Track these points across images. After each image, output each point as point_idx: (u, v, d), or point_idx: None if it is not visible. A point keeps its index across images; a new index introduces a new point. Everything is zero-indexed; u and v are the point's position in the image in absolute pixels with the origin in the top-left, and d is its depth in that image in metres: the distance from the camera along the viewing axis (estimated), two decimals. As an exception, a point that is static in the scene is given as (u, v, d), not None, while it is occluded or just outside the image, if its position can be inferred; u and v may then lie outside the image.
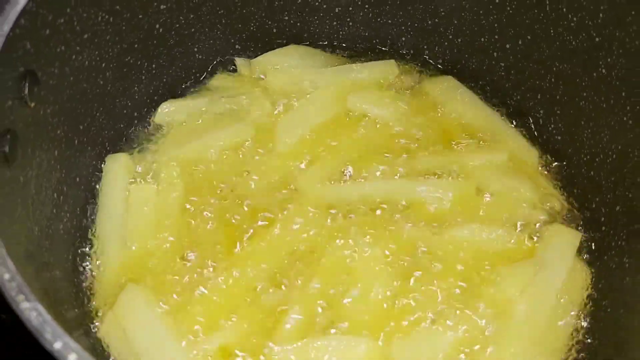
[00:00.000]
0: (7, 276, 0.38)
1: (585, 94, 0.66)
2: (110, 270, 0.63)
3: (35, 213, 0.54)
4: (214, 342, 0.59)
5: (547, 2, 0.65)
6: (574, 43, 0.65)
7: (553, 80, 0.70)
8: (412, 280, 0.63)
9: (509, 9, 0.69)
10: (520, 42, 0.71)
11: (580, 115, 0.68)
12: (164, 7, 0.67)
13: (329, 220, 0.67)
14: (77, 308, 0.60)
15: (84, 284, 0.63)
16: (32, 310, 0.37)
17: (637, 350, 0.55)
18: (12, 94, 0.49)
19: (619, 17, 0.59)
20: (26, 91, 0.51)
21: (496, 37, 0.73)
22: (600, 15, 0.61)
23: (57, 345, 0.36)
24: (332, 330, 0.61)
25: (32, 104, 0.52)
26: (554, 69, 0.69)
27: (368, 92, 0.76)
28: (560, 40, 0.66)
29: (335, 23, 0.79)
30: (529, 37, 0.69)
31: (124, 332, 0.58)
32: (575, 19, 0.64)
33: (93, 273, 0.63)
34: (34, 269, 0.50)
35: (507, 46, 0.72)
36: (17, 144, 0.50)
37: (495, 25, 0.72)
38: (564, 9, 0.64)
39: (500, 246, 0.66)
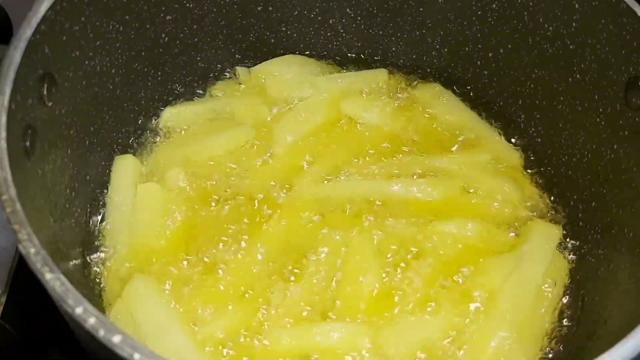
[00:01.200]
0: (33, 250, 0.42)
1: (562, 98, 0.71)
2: (119, 262, 0.67)
3: (51, 205, 0.58)
4: (215, 327, 0.63)
5: (525, 13, 0.70)
6: (550, 51, 0.69)
7: (532, 86, 0.74)
8: (400, 271, 0.67)
9: (490, 20, 0.74)
10: (501, 51, 0.75)
11: (558, 119, 0.72)
12: (170, 18, 0.71)
13: (323, 216, 0.71)
14: (87, 297, 0.63)
15: (93, 275, 0.66)
16: (56, 280, 0.41)
17: (610, 332, 0.59)
18: (33, 94, 0.53)
19: (590, 25, 0.63)
20: (45, 91, 0.55)
21: (479, 46, 0.77)
22: (574, 24, 0.65)
23: (79, 310, 0.40)
24: (324, 318, 0.64)
25: (50, 104, 0.56)
26: (533, 75, 0.73)
27: (360, 98, 0.80)
28: (538, 48, 0.71)
29: (329, 34, 0.83)
30: (509, 46, 0.74)
31: (132, 318, 0.61)
32: (551, 28, 0.68)
33: (102, 265, 0.67)
34: (50, 255, 0.54)
35: (490, 55, 0.77)
36: (37, 139, 0.53)
37: (478, 35, 0.76)
38: (541, 19, 0.69)
39: (484, 240, 0.70)
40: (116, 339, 0.39)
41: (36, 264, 0.41)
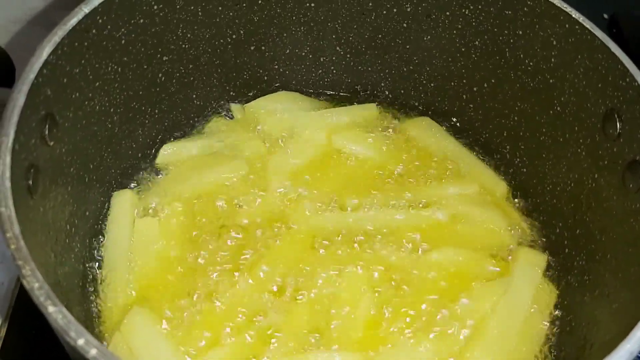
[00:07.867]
0: (36, 285, 0.44)
1: (544, 130, 0.73)
2: (117, 296, 0.68)
3: (51, 241, 0.59)
4: (212, 358, 0.64)
5: (507, 50, 0.73)
6: (532, 85, 0.72)
7: (516, 118, 0.77)
8: (393, 300, 0.69)
9: (474, 56, 0.77)
10: (485, 85, 0.78)
11: (541, 149, 0.75)
12: (166, 58, 0.74)
13: (316, 247, 0.73)
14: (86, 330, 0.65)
15: (92, 309, 0.68)
16: (58, 313, 0.43)
17: (596, 357, 0.60)
18: (36, 134, 0.55)
19: (568, 61, 0.67)
20: (46, 132, 0.57)
21: (464, 81, 0.80)
22: (552, 60, 0.69)
23: (80, 342, 0.41)
24: (319, 348, 0.66)
25: (51, 143, 0.58)
26: (516, 108, 0.76)
27: (351, 132, 0.83)
28: (520, 82, 0.74)
29: (320, 71, 0.86)
30: (493, 81, 0.77)
31: (130, 351, 0.63)
32: (531, 63, 0.71)
33: (101, 299, 0.68)
34: (52, 289, 0.55)
35: (475, 89, 0.80)
36: (39, 178, 0.55)
37: (463, 70, 0.79)
38: (522, 55, 0.72)
39: (473, 268, 0.72)
40: (117, 369, 0.40)
41: (39, 297, 0.43)
